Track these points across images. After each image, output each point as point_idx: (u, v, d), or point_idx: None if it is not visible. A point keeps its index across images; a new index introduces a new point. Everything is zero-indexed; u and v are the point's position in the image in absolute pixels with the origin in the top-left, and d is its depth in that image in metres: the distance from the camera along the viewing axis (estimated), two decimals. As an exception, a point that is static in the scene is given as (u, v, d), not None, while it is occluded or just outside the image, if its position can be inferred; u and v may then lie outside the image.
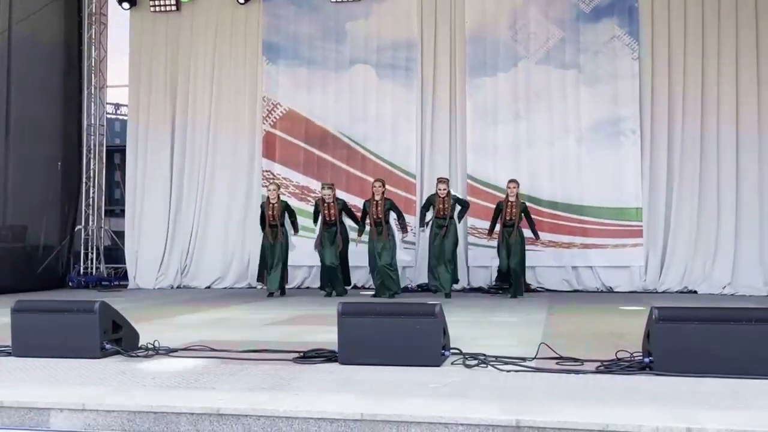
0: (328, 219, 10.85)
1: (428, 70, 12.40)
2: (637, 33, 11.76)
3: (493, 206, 10.90)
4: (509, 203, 10.51)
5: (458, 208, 10.80)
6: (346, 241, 10.95)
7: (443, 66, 12.36)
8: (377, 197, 10.53)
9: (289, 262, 11.30)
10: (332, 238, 10.82)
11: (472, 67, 12.21)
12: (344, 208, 11.04)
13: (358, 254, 11.18)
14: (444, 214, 10.54)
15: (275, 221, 10.93)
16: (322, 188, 11.03)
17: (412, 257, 12.06)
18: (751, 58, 11.32)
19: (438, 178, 10.91)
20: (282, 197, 11.35)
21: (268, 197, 11.19)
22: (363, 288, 11.79)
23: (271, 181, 11.81)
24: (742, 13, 11.40)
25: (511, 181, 10.67)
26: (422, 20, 12.49)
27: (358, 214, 11.08)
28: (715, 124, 11.42)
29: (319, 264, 11.11)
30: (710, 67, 11.50)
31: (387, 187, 10.78)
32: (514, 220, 10.47)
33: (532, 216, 10.87)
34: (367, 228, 10.78)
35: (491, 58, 12.18)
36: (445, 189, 10.58)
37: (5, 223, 12.19)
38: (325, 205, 10.85)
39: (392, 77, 12.51)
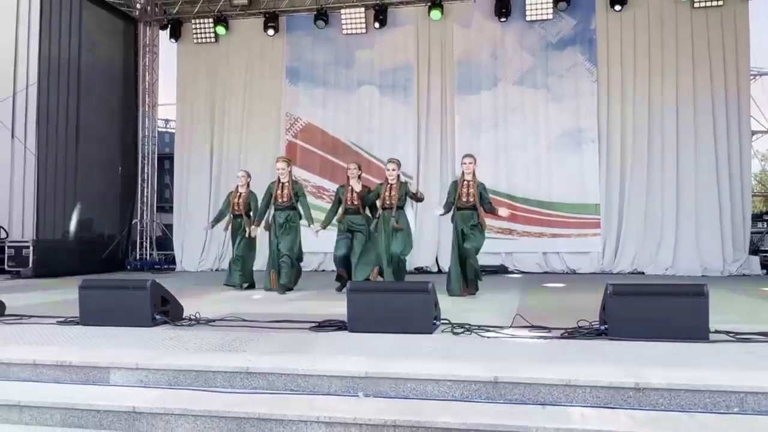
0: (280, 200, 8.00)
1: (423, 90, 12.38)
2: (596, 60, 11.72)
3: None
4: (465, 182, 7.32)
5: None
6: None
7: (435, 86, 12.34)
8: (352, 182, 7.90)
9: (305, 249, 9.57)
10: (282, 224, 7.98)
11: (459, 86, 12.18)
12: (300, 192, 8.10)
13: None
14: (390, 203, 7.50)
15: (239, 211, 8.54)
16: (276, 161, 8.30)
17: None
18: (688, 79, 11.28)
19: (389, 159, 7.88)
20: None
21: (237, 186, 8.73)
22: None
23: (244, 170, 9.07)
24: (681, 41, 11.37)
25: (466, 156, 7.48)
26: (418, 49, 12.46)
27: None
28: (660, 134, 11.38)
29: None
30: (655, 87, 11.46)
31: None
32: (472, 202, 7.23)
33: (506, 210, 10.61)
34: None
35: (475, 80, 12.15)
36: (394, 170, 7.60)
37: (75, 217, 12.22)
38: (280, 184, 8.06)
39: (393, 96, 12.49)
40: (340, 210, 7.97)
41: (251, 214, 8.57)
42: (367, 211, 7.98)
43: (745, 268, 10.86)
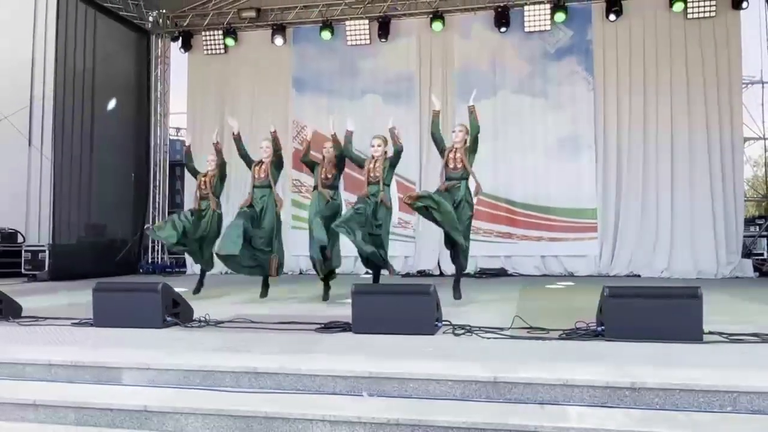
0: (257, 176, 7.49)
1: (425, 98, 12.33)
2: (592, 69, 11.70)
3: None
4: (454, 149, 6.86)
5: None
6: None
7: (436, 94, 12.30)
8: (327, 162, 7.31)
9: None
10: (259, 210, 7.33)
11: (459, 94, 12.11)
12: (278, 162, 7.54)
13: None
14: (375, 176, 6.85)
15: (206, 190, 8.04)
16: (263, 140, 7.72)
17: (411, 249, 12.02)
18: (682, 87, 11.24)
19: (374, 136, 7.23)
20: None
21: (207, 170, 8.17)
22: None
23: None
24: (675, 51, 11.35)
25: (459, 124, 7.08)
26: (420, 58, 12.47)
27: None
28: (654, 140, 11.36)
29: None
30: (650, 96, 11.42)
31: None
32: (459, 168, 6.72)
33: (506, 214, 10.63)
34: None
35: (475, 88, 12.09)
36: (380, 146, 7.02)
37: (90, 222, 12.23)
38: (259, 163, 7.56)
39: (396, 103, 12.44)
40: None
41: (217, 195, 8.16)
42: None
43: (738, 270, 10.81)
